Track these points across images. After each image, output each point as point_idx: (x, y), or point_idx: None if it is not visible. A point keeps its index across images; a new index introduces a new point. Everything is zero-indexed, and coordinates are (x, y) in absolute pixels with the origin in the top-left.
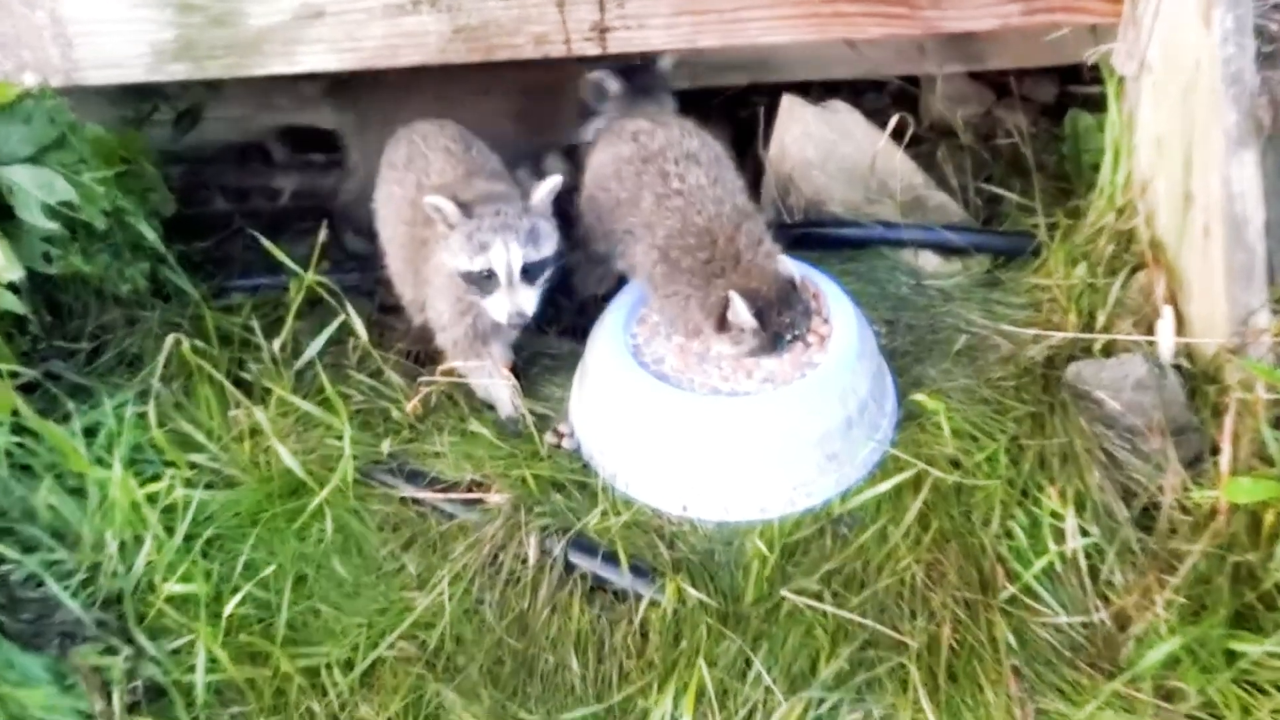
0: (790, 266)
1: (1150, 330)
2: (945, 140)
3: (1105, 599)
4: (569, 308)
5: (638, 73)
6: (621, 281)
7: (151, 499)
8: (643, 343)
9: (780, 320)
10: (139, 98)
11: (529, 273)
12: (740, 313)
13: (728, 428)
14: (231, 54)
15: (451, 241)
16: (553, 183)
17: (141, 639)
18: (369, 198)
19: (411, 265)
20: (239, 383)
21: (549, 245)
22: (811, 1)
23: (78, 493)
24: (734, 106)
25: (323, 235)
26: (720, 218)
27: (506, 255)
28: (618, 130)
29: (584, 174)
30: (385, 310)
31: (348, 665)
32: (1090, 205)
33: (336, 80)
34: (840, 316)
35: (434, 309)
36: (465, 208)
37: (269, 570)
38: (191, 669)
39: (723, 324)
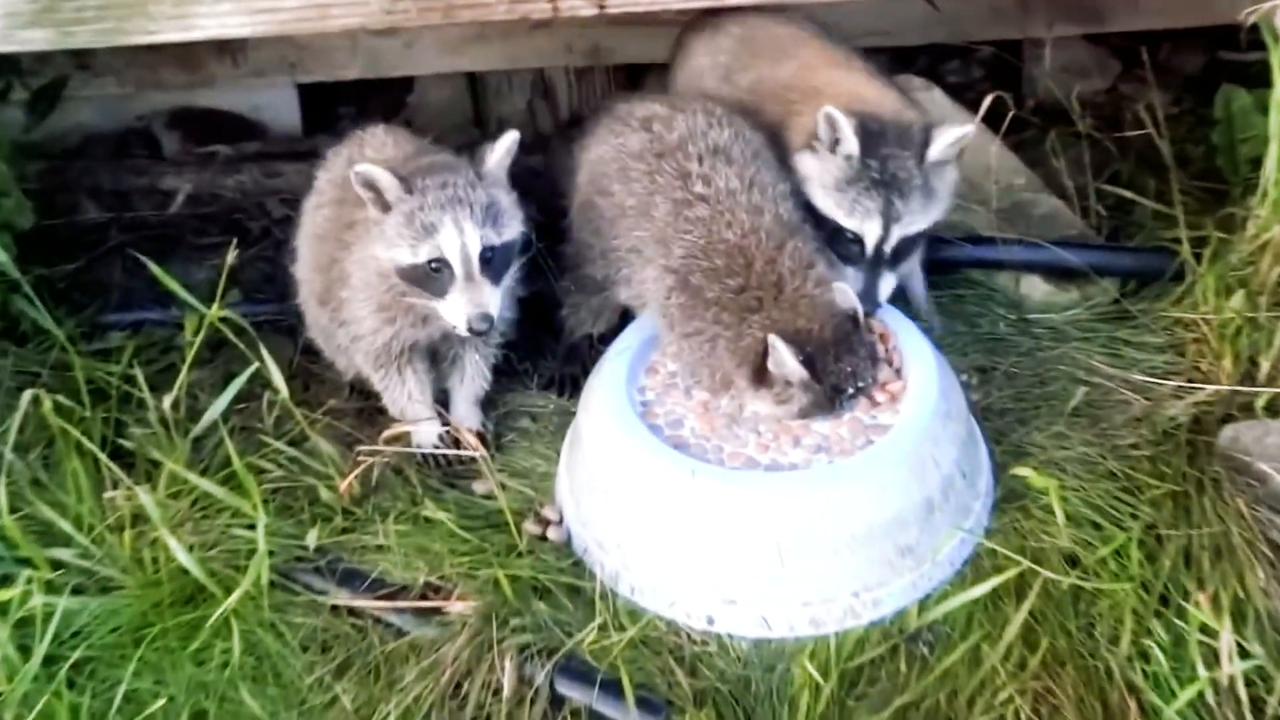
0: (851, 298)
1: None
2: (1056, 127)
3: None
4: (555, 352)
5: (899, 144)
6: (626, 317)
7: (1, 609)
8: (654, 399)
9: (838, 369)
10: None
11: (491, 263)
12: (784, 360)
13: (768, 514)
14: (107, 16)
15: (387, 228)
16: (510, 140)
17: None
18: None
19: (325, 274)
20: (117, 453)
21: (513, 226)
22: None
23: None
24: None
25: (232, 255)
26: (758, 233)
27: (461, 238)
28: (623, 115)
29: (576, 174)
30: (312, 354)
31: None
32: (1250, 213)
33: None
34: (917, 365)
35: (350, 316)
36: (405, 181)
37: (157, 705)
38: None
39: (761, 375)
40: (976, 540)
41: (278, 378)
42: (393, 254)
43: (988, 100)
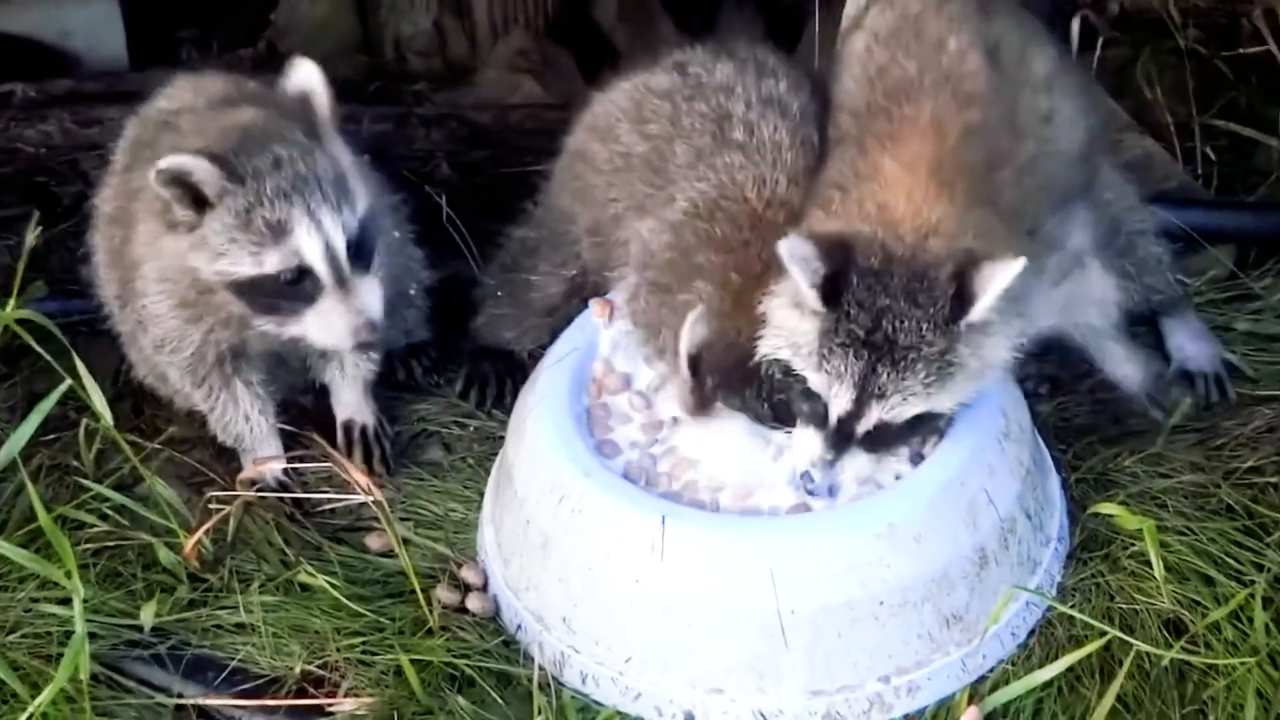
0: None
1: None
2: (1150, 44)
3: None
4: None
5: (909, 293)
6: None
7: None
8: (611, 417)
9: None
10: None
11: (359, 251)
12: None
13: (767, 574)
14: None
15: (210, 233)
16: (306, 73)
17: None
18: None
19: (120, 264)
20: None
21: (363, 192)
22: None
23: None
24: None
25: (33, 233)
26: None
27: (321, 234)
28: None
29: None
30: None
31: None
32: None
33: None
34: None
35: (148, 314)
36: (228, 166)
37: None
38: None
39: None
40: (1047, 603)
41: (98, 398)
42: (222, 266)
43: (1076, 22)
